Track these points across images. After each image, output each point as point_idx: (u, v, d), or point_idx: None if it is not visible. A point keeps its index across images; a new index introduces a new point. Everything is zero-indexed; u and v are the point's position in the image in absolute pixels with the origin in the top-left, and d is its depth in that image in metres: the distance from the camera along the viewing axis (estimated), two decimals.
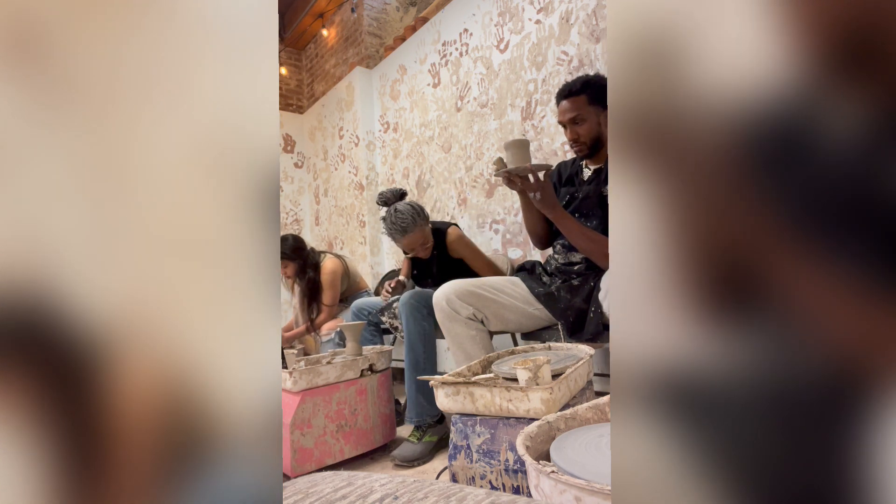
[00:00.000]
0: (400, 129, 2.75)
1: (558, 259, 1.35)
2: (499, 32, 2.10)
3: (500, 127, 2.10)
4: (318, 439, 1.26)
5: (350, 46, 3.28)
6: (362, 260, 2.94)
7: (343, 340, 1.91)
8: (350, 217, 3.09)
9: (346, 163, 3.12)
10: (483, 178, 2.19)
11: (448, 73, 2.40)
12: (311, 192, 3.64)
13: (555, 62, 1.84)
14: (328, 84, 3.57)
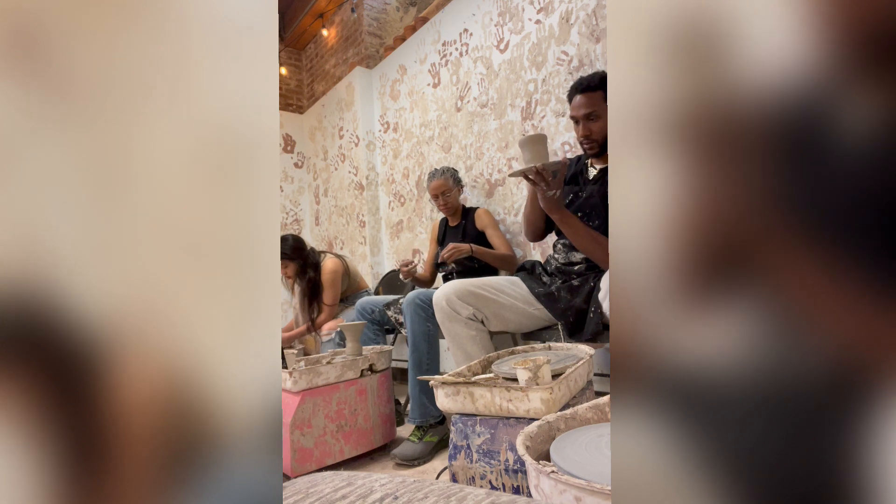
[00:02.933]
0: (400, 129, 2.75)
1: (558, 259, 1.35)
2: (499, 32, 2.10)
3: (500, 127, 2.10)
4: (318, 439, 1.26)
5: (350, 46, 3.28)
6: (362, 260, 2.94)
7: (343, 340, 1.91)
8: (350, 217, 3.09)
9: (346, 163, 3.12)
10: (483, 178, 2.19)
11: (448, 73, 2.40)
12: (311, 192, 3.64)
13: (555, 62, 1.84)
14: (328, 84, 3.57)
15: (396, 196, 2.80)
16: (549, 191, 1.12)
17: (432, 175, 1.96)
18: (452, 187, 1.94)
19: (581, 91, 1.25)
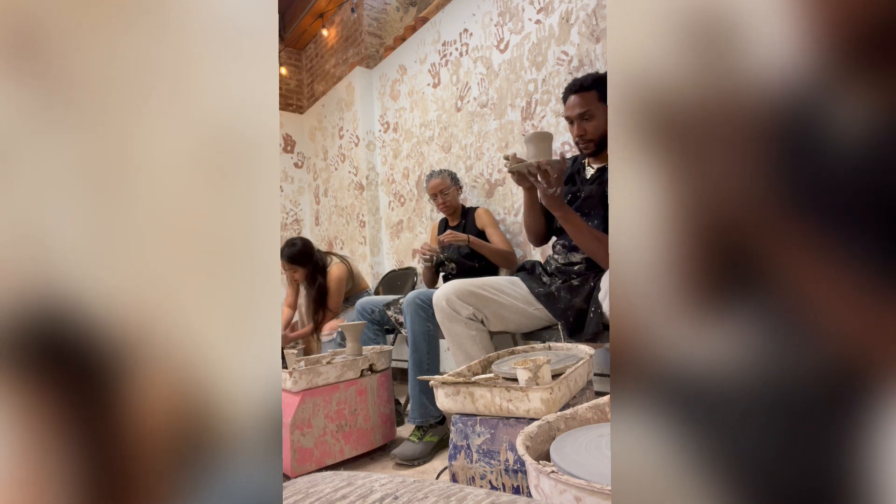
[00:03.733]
0: (400, 129, 2.75)
1: (558, 259, 1.35)
2: (499, 32, 2.10)
3: (500, 127, 2.10)
4: (318, 439, 1.26)
5: (350, 46, 3.28)
6: (362, 260, 2.94)
7: (343, 340, 1.91)
8: (350, 217, 3.09)
9: (346, 163, 3.12)
10: (483, 178, 2.19)
11: (448, 73, 2.40)
12: (311, 192, 3.64)
13: (555, 62, 1.84)
14: (328, 84, 3.57)
15: (396, 196, 2.80)
16: (550, 188, 1.11)
17: (430, 176, 2.00)
18: (450, 186, 1.97)
19: (575, 91, 1.26)
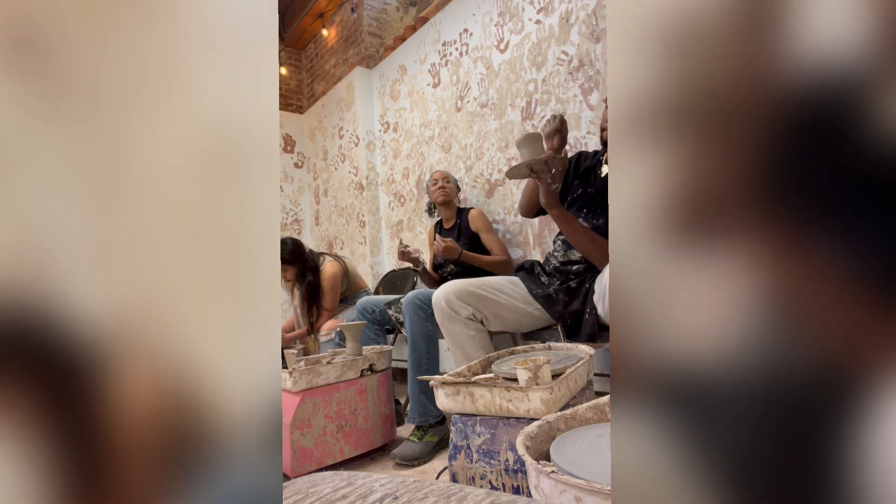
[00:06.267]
0: (400, 129, 2.75)
1: (557, 256, 1.35)
2: (499, 32, 2.10)
3: (500, 127, 2.10)
4: (318, 439, 1.26)
5: (350, 46, 3.28)
6: (362, 260, 2.94)
7: (343, 340, 1.91)
8: (350, 217, 3.08)
9: (346, 163, 3.12)
10: (483, 179, 2.19)
11: (448, 73, 2.40)
12: (311, 192, 3.64)
13: (555, 62, 1.84)
14: (328, 84, 3.57)
15: (396, 196, 2.80)
16: (553, 184, 1.16)
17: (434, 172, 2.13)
18: (452, 182, 2.05)
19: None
